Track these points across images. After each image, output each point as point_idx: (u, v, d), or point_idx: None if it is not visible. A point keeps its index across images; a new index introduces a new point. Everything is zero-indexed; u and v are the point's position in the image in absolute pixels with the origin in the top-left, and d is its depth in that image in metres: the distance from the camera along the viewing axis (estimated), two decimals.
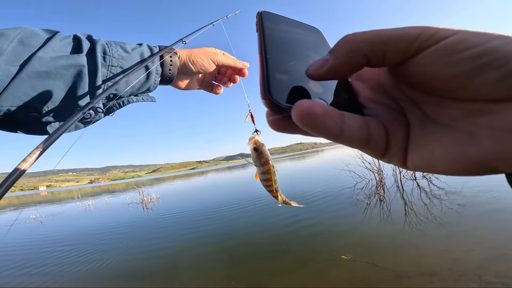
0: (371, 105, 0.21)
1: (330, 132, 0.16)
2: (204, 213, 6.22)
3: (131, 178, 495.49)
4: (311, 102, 0.16)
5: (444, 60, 0.16)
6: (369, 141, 0.18)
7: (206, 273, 2.86)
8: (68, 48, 0.46)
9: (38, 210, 12.93)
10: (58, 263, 4.01)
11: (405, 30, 0.17)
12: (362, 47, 0.17)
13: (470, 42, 0.15)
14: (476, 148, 0.15)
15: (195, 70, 0.61)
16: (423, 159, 0.18)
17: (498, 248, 2.40)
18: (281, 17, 0.26)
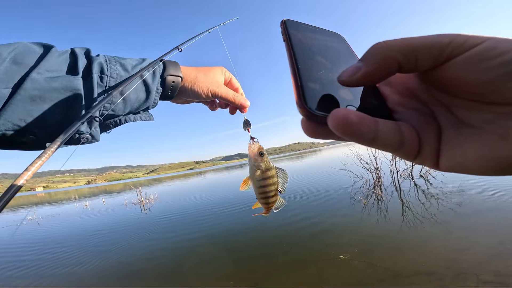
0: (401, 109, 0.22)
1: (365, 138, 0.17)
2: (202, 213, 6.20)
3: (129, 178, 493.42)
4: (346, 110, 0.17)
5: (476, 66, 0.16)
6: (402, 145, 0.19)
7: (205, 273, 2.85)
8: (63, 66, 0.43)
9: (35, 211, 12.85)
10: (56, 264, 3.98)
11: (436, 37, 0.17)
12: (395, 54, 0.18)
13: (500, 49, 0.16)
14: (508, 149, 0.16)
15: (192, 97, 0.60)
16: (456, 161, 0.18)
17: (495, 247, 2.42)
18: (303, 25, 0.26)
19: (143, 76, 0.50)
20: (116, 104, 0.48)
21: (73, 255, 4.35)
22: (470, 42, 0.17)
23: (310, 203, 5.41)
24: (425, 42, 0.17)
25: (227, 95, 0.61)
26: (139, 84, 0.51)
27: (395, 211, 4.00)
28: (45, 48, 0.43)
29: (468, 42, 0.17)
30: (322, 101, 0.20)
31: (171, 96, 0.58)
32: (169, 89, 0.56)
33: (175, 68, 0.56)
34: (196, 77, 0.58)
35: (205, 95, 0.59)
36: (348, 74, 0.20)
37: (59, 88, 0.41)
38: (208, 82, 0.59)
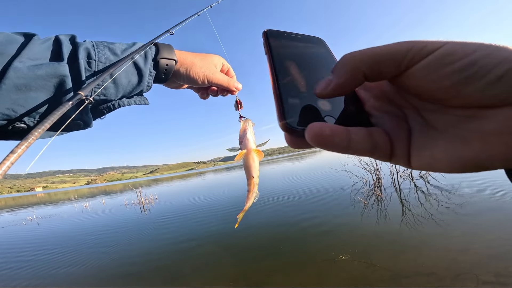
0: (376, 113, 0.23)
1: (339, 147, 0.19)
2: (202, 213, 6.20)
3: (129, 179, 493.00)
4: (321, 125, 0.19)
5: (434, 72, 0.17)
6: (375, 149, 0.20)
7: (205, 273, 2.85)
8: (47, 53, 0.42)
9: (35, 212, 12.84)
10: (56, 264, 3.97)
11: (396, 46, 0.18)
12: (360, 66, 0.19)
13: (455, 55, 0.17)
14: (469, 151, 0.17)
15: (186, 82, 0.60)
16: (425, 161, 0.20)
17: (495, 247, 2.42)
18: (285, 34, 0.27)
19: (133, 58, 0.49)
20: (108, 89, 0.47)
21: (73, 255, 4.34)
22: (428, 48, 0.17)
23: (310, 203, 5.41)
24: (385, 52, 0.18)
25: (223, 81, 0.62)
26: (131, 68, 0.50)
27: (395, 212, 4.00)
28: (27, 36, 0.42)
29: (426, 49, 0.17)
30: (301, 115, 0.21)
31: (164, 80, 0.57)
32: (162, 73, 0.55)
33: (168, 51, 0.55)
34: (192, 62, 0.58)
35: (201, 81, 0.59)
36: (321, 87, 0.21)
37: (44, 75, 0.40)
38: (204, 68, 0.59)
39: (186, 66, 0.57)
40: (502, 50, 0.16)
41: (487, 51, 0.16)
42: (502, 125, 0.16)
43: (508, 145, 0.16)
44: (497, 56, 0.16)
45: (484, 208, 3.50)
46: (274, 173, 15.41)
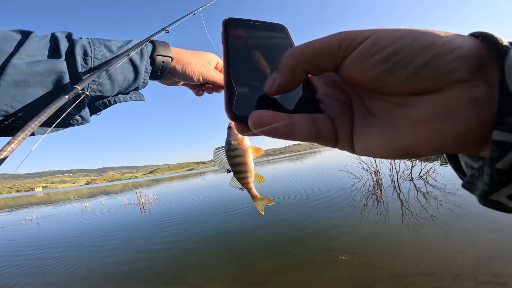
0: (327, 100, 0.23)
1: (280, 133, 0.19)
2: (202, 214, 6.20)
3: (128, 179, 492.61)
4: (261, 112, 0.19)
5: (361, 64, 0.18)
6: (318, 135, 0.20)
7: (205, 274, 2.85)
8: (44, 51, 0.43)
9: (35, 212, 12.82)
10: (56, 263, 3.97)
11: (329, 40, 0.18)
12: (298, 64, 0.19)
13: (379, 45, 0.17)
14: (400, 138, 0.18)
15: (182, 79, 0.61)
16: (365, 147, 0.20)
17: (494, 248, 2.42)
18: (245, 22, 0.27)
19: (129, 55, 0.50)
20: (104, 85, 0.48)
21: (73, 255, 4.34)
22: (358, 39, 0.17)
23: (310, 204, 5.41)
24: (320, 47, 0.18)
25: (217, 78, 0.63)
26: (127, 65, 0.50)
27: (394, 212, 4.00)
28: (24, 34, 0.43)
29: (356, 40, 0.18)
30: (249, 104, 0.21)
31: (160, 76, 0.58)
32: (158, 69, 0.56)
33: (165, 48, 0.56)
34: (188, 59, 0.59)
35: (196, 78, 0.60)
36: (268, 85, 0.21)
37: (43, 71, 0.41)
38: (199, 65, 0.60)
39: (182, 63, 0.58)
40: (427, 35, 0.16)
41: (412, 38, 0.16)
42: (430, 112, 0.16)
43: (438, 132, 0.16)
44: (422, 42, 0.16)
45: (483, 209, 3.43)
46: (274, 174, 15.41)
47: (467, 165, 0.20)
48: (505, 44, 0.15)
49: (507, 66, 0.14)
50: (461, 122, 0.16)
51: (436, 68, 0.16)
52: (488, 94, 0.16)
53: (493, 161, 0.15)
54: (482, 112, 0.15)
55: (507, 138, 0.14)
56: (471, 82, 0.16)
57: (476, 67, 0.16)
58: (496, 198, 0.17)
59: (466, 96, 0.16)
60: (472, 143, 0.16)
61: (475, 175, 0.18)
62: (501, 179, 0.15)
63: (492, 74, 0.16)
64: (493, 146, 0.15)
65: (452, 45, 0.16)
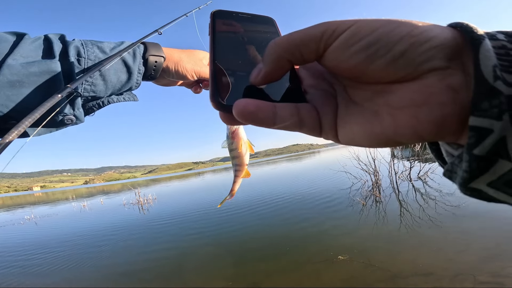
0: (312, 91, 0.23)
1: (264, 122, 0.19)
2: (201, 214, 6.20)
3: (127, 179, 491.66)
4: (246, 101, 0.19)
5: (343, 54, 0.18)
6: (302, 125, 0.20)
7: (203, 274, 2.85)
8: (38, 52, 0.43)
9: (33, 211, 12.78)
10: (54, 263, 3.96)
11: (311, 30, 0.19)
12: (283, 53, 0.19)
13: (360, 34, 0.17)
14: (380, 126, 0.18)
15: (176, 78, 0.61)
16: (348, 136, 0.20)
17: (492, 248, 2.44)
18: (233, 14, 0.27)
19: (121, 55, 0.50)
20: (97, 86, 0.49)
21: (71, 255, 4.33)
22: (339, 29, 0.18)
23: (308, 204, 5.42)
24: (302, 37, 0.19)
25: None
26: (120, 66, 0.51)
27: (393, 213, 4.01)
28: (18, 35, 0.43)
29: (337, 30, 0.18)
30: (233, 93, 0.21)
31: (154, 77, 0.59)
32: (151, 69, 0.57)
33: (156, 49, 0.57)
34: (180, 58, 0.60)
35: (190, 75, 0.61)
36: (253, 76, 0.21)
37: (37, 72, 0.41)
38: (192, 62, 0.61)
39: (175, 62, 0.59)
40: (404, 25, 0.17)
41: (390, 27, 0.17)
42: (408, 99, 0.17)
43: (417, 119, 0.16)
44: (400, 31, 0.16)
45: (482, 209, 3.52)
46: (274, 174, 15.42)
47: (448, 153, 0.21)
48: (480, 33, 0.16)
49: (481, 55, 0.15)
50: (438, 108, 0.16)
51: (412, 56, 0.16)
52: (464, 82, 0.16)
53: (470, 147, 0.15)
54: (458, 98, 0.16)
55: (484, 123, 0.14)
56: (447, 70, 0.16)
57: (452, 55, 0.16)
58: (476, 186, 0.17)
59: (442, 84, 0.16)
60: (451, 130, 0.17)
61: (455, 162, 0.18)
62: (480, 166, 0.15)
63: (468, 62, 0.16)
64: (470, 132, 0.15)
65: (429, 34, 0.16)
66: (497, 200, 0.17)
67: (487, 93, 0.14)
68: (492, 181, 0.16)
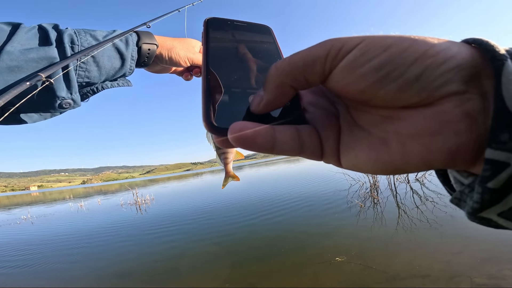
0: (312, 109, 0.22)
1: (263, 148, 0.17)
2: (198, 215, 6.18)
3: (125, 179, 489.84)
4: (242, 124, 0.17)
5: (350, 75, 0.16)
6: (303, 149, 0.19)
7: (200, 275, 2.84)
8: (35, 40, 0.45)
9: (29, 211, 12.70)
10: (50, 263, 3.93)
11: (315, 51, 0.17)
12: (285, 80, 0.18)
13: (369, 54, 0.16)
14: (388, 154, 0.16)
15: (169, 64, 0.63)
16: (352, 162, 0.19)
17: (489, 250, 2.44)
18: (229, 22, 0.26)
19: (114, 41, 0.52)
20: (91, 72, 0.50)
21: (68, 255, 4.30)
22: (345, 48, 0.16)
23: (306, 205, 5.42)
24: (306, 60, 0.17)
25: None
26: (113, 53, 0.53)
27: (391, 215, 4.02)
28: (14, 25, 0.45)
29: (343, 50, 0.16)
30: (227, 113, 0.19)
31: (147, 64, 0.61)
32: (145, 57, 0.59)
33: (149, 37, 0.59)
34: (173, 45, 0.62)
35: (183, 61, 0.63)
36: (254, 104, 0.20)
37: (36, 58, 0.43)
38: (184, 49, 0.63)
39: (167, 48, 0.61)
40: (419, 43, 0.15)
41: (403, 46, 0.15)
42: (420, 127, 0.15)
43: (428, 148, 0.15)
44: (414, 51, 0.15)
45: None
46: (272, 175, 15.43)
47: (456, 180, 0.19)
48: (502, 53, 0.14)
49: (504, 78, 0.13)
50: (453, 138, 0.15)
51: (429, 80, 0.15)
52: (482, 108, 0.15)
53: (484, 180, 0.14)
54: (475, 127, 0.14)
55: (501, 157, 0.13)
56: (464, 94, 0.15)
57: (470, 77, 0.15)
58: (486, 215, 0.16)
59: (458, 110, 0.15)
60: (463, 160, 0.15)
61: (465, 191, 0.17)
62: (492, 197, 0.14)
63: (487, 86, 0.15)
64: (485, 165, 0.14)
65: (447, 54, 0.15)
66: (506, 228, 0.17)
67: (508, 124, 0.13)
68: (503, 211, 0.15)
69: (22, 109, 0.45)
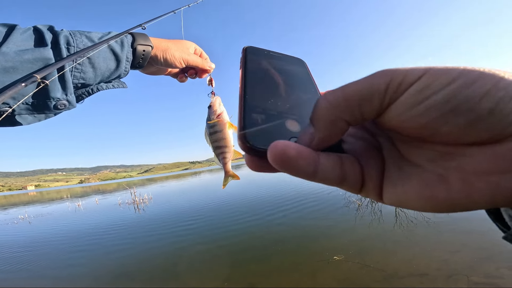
0: (350, 139, 0.21)
1: (304, 172, 0.16)
2: (197, 214, 6.17)
3: (123, 178, 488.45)
4: (285, 143, 0.16)
5: (410, 110, 0.15)
6: (344, 180, 0.18)
7: (199, 274, 2.83)
8: (30, 41, 0.45)
9: (27, 210, 12.63)
10: (47, 263, 3.91)
11: (374, 82, 0.16)
12: (339, 115, 0.17)
13: (434, 87, 0.15)
14: (446, 191, 0.15)
15: (164, 65, 0.64)
16: (398, 198, 0.18)
17: (486, 249, 2.46)
18: (265, 52, 0.27)
19: (109, 42, 0.52)
20: (86, 73, 0.50)
21: (66, 255, 4.28)
22: (406, 81, 0.15)
23: (304, 204, 5.43)
24: (363, 93, 0.16)
25: (197, 62, 0.67)
26: (109, 54, 0.53)
27: (388, 213, 4.04)
28: (9, 27, 0.45)
29: (405, 82, 0.15)
30: (265, 134, 0.19)
31: (142, 65, 0.61)
32: (139, 58, 0.59)
33: (144, 39, 0.59)
34: (167, 46, 0.62)
35: (179, 62, 0.63)
36: (305, 143, 0.18)
37: (31, 59, 0.43)
38: (179, 50, 0.63)
39: (162, 50, 0.61)
40: (487, 75, 0.14)
41: (470, 77, 0.14)
42: (489, 164, 0.14)
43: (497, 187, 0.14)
44: (483, 83, 0.14)
45: (476, 211, 3.56)
46: (269, 174, 15.42)
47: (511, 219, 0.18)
48: None
49: None
50: None
51: (501, 115, 0.13)
52: None
53: None
54: None
55: None
56: None
57: None
58: None
59: None
60: None
61: None
62: None
63: None
64: None
65: None
66: None
67: None
68: None
69: (17, 110, 0.45)
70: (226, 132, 0.61)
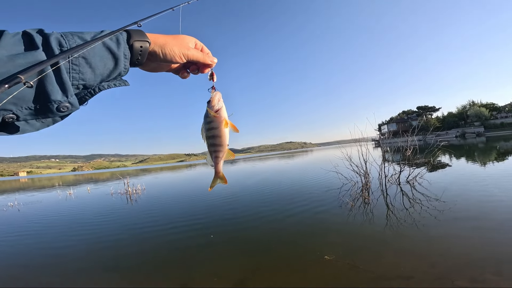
0: None
1: None
2: (190, 206, 6.17)
3: (117, 167, 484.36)
4: None
5: None
6: None
7: (188, 270, 2.84)
8: (20, 46, 0.44)
9: (17, 197, 12.48)
10: (35, 254, 3.88)
11: None
12: None
13: None
14: None
15: (164, 61, 0.62)
16: None
17: (472, 254, 2.51)
18: None
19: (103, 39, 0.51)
20: (85, 74, 0.49)
21: (53, 245, 4.25)
22: None
23: (298, 202, 5.46)
24: None
25: (198, 56, 0.66)
26: (105, 53, 0.52)
27: (380, 215, 4.09)
28: None
29: None
30: None
31: (141, 62, 0.60)
32: (138, 54, 0.58)
33: (140, 35, 0.58)
34: (166, 41, 0.61)
35: (178, 57, 0.62)
36: None
37: (24, 63, 0.42)
38: (178, 45, 0.62)
39: (160, 45, 0.60)
40: None
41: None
42: None
43: None
44: None
45: (464, 216, 3.63)
46: (264, 171, 15.48)
47: None
48: None
49: None
50: None
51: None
52: None
53: None
54: None
55: None
56: None
57: None
58: None
59: None
60: None
61: None
62: None
63: None
64: None
65: None
66: None
67: None
68: None
69: (21, 116, 0.44)
70: (222, 130, 0.60)
